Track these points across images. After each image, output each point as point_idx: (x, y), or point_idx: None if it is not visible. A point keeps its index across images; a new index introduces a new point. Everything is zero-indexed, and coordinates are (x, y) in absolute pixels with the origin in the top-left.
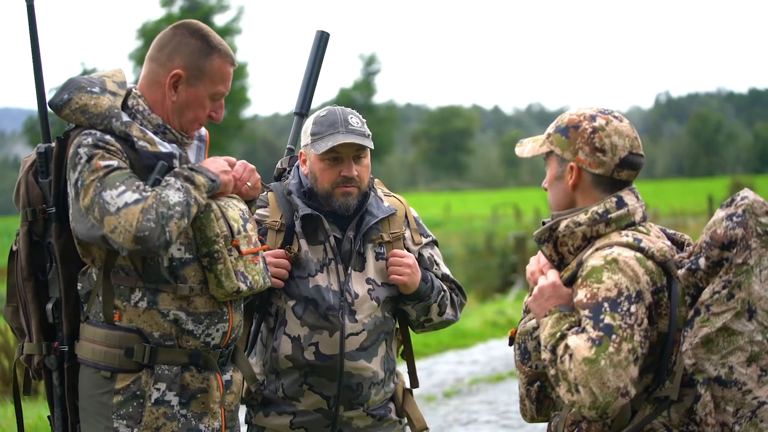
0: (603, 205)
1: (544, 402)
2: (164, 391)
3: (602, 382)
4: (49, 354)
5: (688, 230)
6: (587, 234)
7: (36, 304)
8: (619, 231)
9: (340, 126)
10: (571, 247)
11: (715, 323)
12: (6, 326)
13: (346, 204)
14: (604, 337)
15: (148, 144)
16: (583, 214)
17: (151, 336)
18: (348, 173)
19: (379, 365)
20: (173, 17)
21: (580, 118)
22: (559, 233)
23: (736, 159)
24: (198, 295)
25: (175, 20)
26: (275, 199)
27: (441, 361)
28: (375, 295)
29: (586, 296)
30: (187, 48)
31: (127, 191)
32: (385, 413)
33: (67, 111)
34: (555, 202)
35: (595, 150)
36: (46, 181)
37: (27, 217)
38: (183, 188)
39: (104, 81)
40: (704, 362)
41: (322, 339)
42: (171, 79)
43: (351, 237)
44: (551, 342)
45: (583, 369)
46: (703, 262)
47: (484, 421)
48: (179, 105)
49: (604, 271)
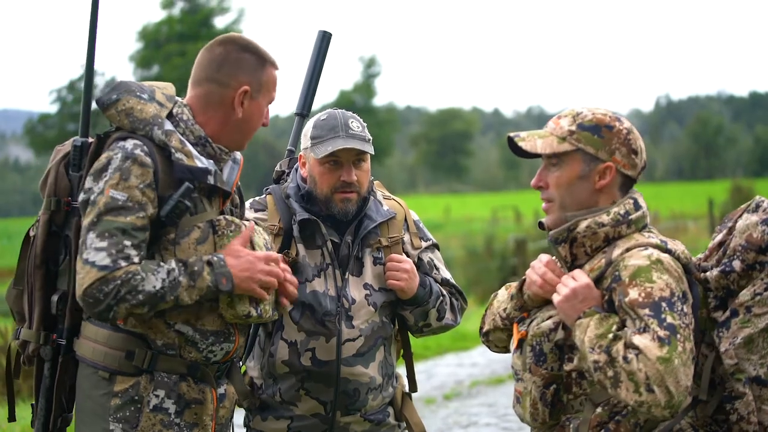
0: (623, 206)
1: (557, 405)
2: (163, 398)
3: (677, 381)
4: (46, 344)
5: (688, 233)
6: (610, 235)
7: (43, 292)
8: (641, 232)
9: (341, 130)
10: (589, 248)
11: (758, 324)
12: (5, 327)
13: (345, 210)
14: (671, 336)
15: (184, 156)
16: (605, 215)
17: (154, 343)
18: (348, 178)
19: (376, 371)
20: (174, 19)
21: (608, 118)
22: (578, 234)
23: (737, 162)
24: (207, 313)
25: (176, 22)
26: (273, 203)
27: (441, 363)
28: (372, 300)
29: (641, 296)
30: (245, 63)
31: (104, 251)
32: (383, 418)
33: (112, 111)
34: (575, 201)
35: (631, 152)
36: (77, 174)
37: (50, 206)
38: (170, 282)
39: (154, 90)
40: (744, 362)
41: (318, 345)
42: (240, 96)
43: (349, 241)
44: (602, 343)
45: (658, 368)
46: (738, 265)
47: (484, 423)
48: (244, 120)
49: (652, 271)
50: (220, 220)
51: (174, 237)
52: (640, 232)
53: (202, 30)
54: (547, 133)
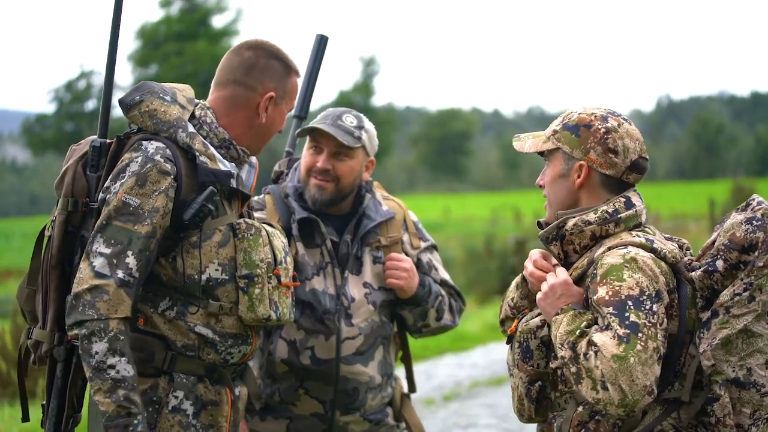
0: (612, 205)
1: (542, 402)
2: (182, 400)
3: (632, 380)
4: (60, 345)
5: (689, 233)
6: (596, 233)
7: (58, 293)
8: (629, 231)
9: (329, 119)
10: (578, 246)
11: (735, 325)
12: (3, 329)
13: (318, 198)
14: (632, 335)
15: (208, 160)
16: (592, 213)
17: (174, 344)
18: (321, 165)
19: (375, 370)
20: (171, 19)
21: (591, 117)
22: (566, 231)
23: (738, 162)
24: (227, 315)
25: (174, 22)
26: (273, 202)
27: (440, 364)
28: (372, 299)
29: (608, 294)
30: (273, 70)
31: (104, 258)
32: (382, 418)
33: (135, 112)
34: (557, 199)
35: (608, 151)
36: (95, 175)
37: (67, 206)
38: (109, 378)
39: (175, 93)
40: (722, 364)
41: (318, 343)
42: (266, 101)
43: (348, 240)
44: (570, 339)
45: (612, 366)
46: (721, 265)
47: (484, 424)
48: (266, 125)
49: (624, 269)
50: (241, 224)
51: (196, 240)
52: (630, 230)
53: (200, 29)
54: (540, 133)
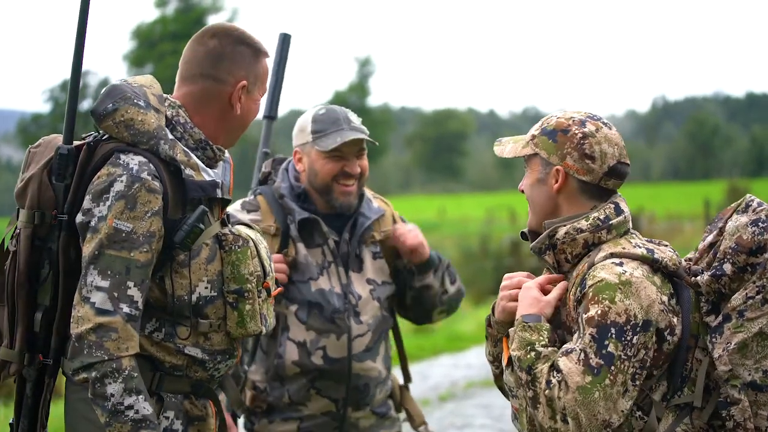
0: (603, 211)
1: None
2: (172, 420)
3: (592, 414)
4: (31, 365)
5: (684, 233)
6: (589, 240)
7: (26, 311)
8: (626, 238)
9: (344, 123)
10: (569, 255)
11: (750, 329)
12: None
13: (347, 203)
14: (603, 367)
15: (192, 171)
16: (584, 221)
17: (161, 365)
18: (351, 170)
19: (381, 364)
20: (167, 19)
21: (569, 122)
22: (558, 240)
23: (733, 163)
24: (215, 332)
25: (169, 22)
26: (266, 203)
27: (436, 364)
28: (377, 294)
29: (597, 314)
30: (241, 57)
31: (104, 292)
32: (387, 410)
33: (109, 122)
34: (536, 205)
35: (584, 156)
36: (62, 185)
37: (33, 219)
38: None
39: (145, 93)
40: (739, 368)
41: (329, 342)
42: (239, 92)
43: (347, 239)
44: (526, 359)
45: (576, 398)
46: (728, 268)
47: (480, 425)
48: (242, 116)
49: (617, 291)
50: (227, 235)
51: (185, 258)
52: (622, 237)
53: (196, 29)
54: (520, 138)
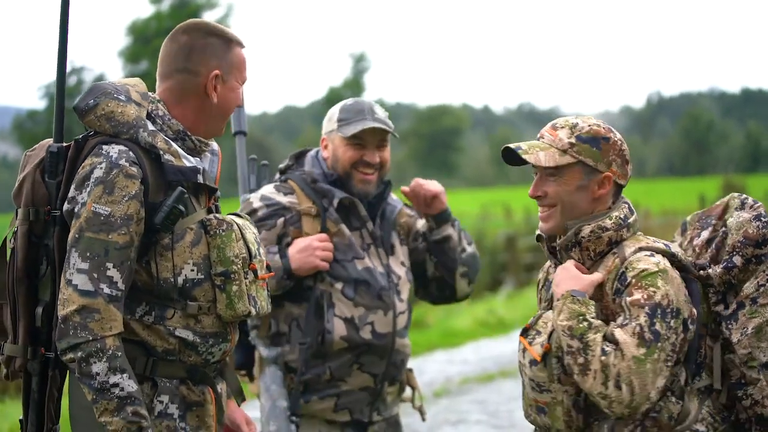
0: (621, 211)
1: (591, 411)
2: (167, 404)
3: (643, 384)
4: (34, 359)
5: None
6: (613, 238)
7: (27, 306)
8: (638, 235)
9: (367, 114)
10: (593, 252)
11: (764, 313)
12: None
13: (365, 191)
14: (654, 343)
15: (172, 157)
16: (607, 220)
17: (153, 350)
18: (371, 159)
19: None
20: (162, 15)
21: (604, 129)
22: (583, 238)
23: (728, 158)
24: (205, 314)
25: (164, 18)
26: (299, 188)
27: (430, 360)
28: (409, 276)
29: (644, 297)
30: (211, 48)
31: (85, 274)
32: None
33: (91, 117)
34: (576, 210)
35: (625, 162)
36: (54, 182)
37: (29, 216)
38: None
39: (128, 90)
40: (755, 350)
41: (377, 318)
42: (213, 81)
43: (379, 223)
44: (578, 328)
45: (631, 366)
46: (738, 260)
47: (474, 420)
48: (220, 105)
49: (659, 277)
50: (211, 220)
51: (168, 242)
52: (635, 235)
53: None
54: (547, 145)
